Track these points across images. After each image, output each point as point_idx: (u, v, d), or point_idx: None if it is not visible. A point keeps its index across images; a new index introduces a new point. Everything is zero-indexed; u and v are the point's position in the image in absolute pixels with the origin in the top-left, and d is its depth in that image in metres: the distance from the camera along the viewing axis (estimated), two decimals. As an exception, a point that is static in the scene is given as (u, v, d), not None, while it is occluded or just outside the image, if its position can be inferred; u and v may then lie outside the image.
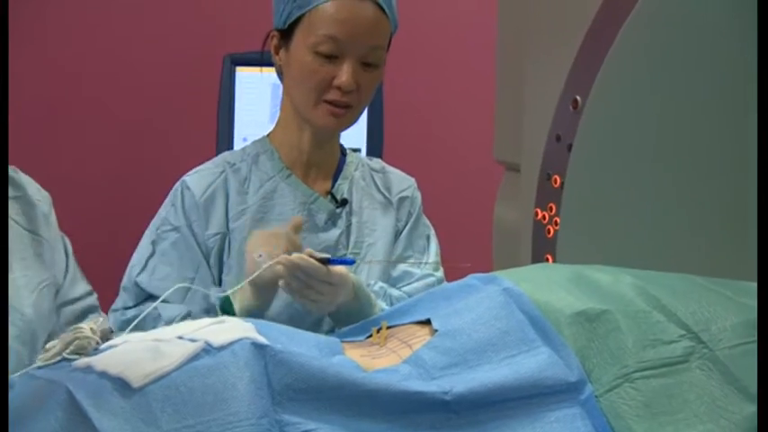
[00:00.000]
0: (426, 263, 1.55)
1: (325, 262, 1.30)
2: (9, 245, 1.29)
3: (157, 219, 1.48)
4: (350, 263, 1.36)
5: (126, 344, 1.13)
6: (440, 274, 1.57)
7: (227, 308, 1.34)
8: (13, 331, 1.25)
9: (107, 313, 1.46)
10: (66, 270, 1.41)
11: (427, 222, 1.61)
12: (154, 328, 1.33)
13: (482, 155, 2.30)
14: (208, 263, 1.46)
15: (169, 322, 1.37)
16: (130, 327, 1.25)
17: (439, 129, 2.91)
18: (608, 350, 1.20)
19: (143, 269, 1.46)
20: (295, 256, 1.28)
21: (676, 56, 1.71)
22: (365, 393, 1.08)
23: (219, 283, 1.47)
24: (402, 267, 1.54)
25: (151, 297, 1.43)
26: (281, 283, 1.30)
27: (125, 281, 1.48)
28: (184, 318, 1.37)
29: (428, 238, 1.59)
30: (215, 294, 1.40)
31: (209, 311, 1.40)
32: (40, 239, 1.36)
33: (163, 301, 1.37)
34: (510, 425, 1.11)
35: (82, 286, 1.44)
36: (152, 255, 1.46)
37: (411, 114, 2.75)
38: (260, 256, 1.31)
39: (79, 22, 2.86)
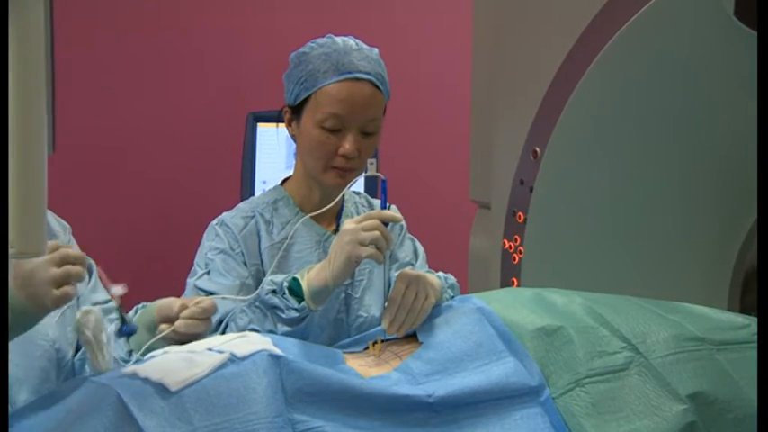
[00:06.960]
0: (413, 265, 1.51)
1: None
2: None
3: (204, 249, 1.42)
4: None
5: (165, 354, 1.13)
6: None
7: (294, 287, 1.27)
8: (38, 351, 1.22)
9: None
10: (88, 283, 1.36)
11: (412, 243, 1.57)
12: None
13: (460, 196, 2.30)
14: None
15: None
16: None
17: (425, 176, 2.94)
18: (563, 360, 1.19)
19: (200, 278, 1.39)
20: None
21: (623, 117, 1.70)
22: (363, 396, 1.08)
23: None
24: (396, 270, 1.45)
25: (211, 295, 1.33)
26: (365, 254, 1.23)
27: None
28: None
29: (415, 250, 1.55)
30: (278, 277, 1.31)
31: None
32: None
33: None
34: (482, 422, 1.11)
35: (102, 295, 1.38)
36: (207, 273, 1.39)
37: (402, 165, 2.76)
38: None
39: (132, 82, 2.88)
